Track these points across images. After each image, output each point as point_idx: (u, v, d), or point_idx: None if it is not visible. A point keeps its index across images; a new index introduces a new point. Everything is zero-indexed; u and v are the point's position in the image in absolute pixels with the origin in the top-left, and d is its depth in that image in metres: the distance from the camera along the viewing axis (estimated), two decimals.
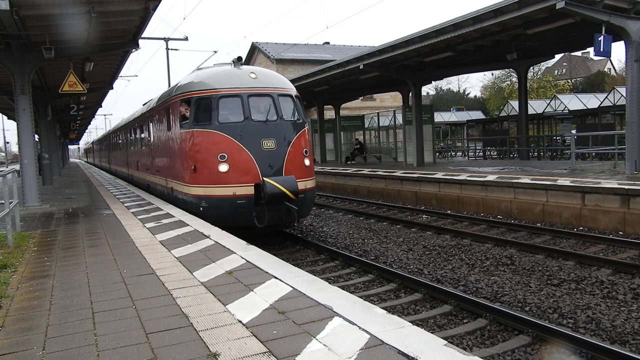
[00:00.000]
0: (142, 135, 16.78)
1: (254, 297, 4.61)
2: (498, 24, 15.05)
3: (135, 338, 3.78)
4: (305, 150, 10.65)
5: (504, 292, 7.28)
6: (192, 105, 10.47)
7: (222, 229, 8.20)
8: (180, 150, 11.03)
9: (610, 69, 69.05)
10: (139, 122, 17.23)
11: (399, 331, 3.62)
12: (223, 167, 9.73)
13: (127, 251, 6.94)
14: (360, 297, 4.66)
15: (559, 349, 5.32)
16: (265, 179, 9.56)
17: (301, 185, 9.97)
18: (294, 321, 3.93)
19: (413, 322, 4.64)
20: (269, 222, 9.81)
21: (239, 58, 11.12)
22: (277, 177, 9.72)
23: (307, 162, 10.61)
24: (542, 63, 45.88)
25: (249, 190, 9.71)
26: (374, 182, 19.56)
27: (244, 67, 11.14)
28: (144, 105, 18.31)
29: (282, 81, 11.23)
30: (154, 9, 10.99)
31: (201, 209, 10.09)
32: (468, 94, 73.77)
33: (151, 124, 14.81)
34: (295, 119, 10.73)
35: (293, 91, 11.16)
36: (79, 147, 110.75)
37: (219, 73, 10.93)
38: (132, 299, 4.74)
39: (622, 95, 23.23)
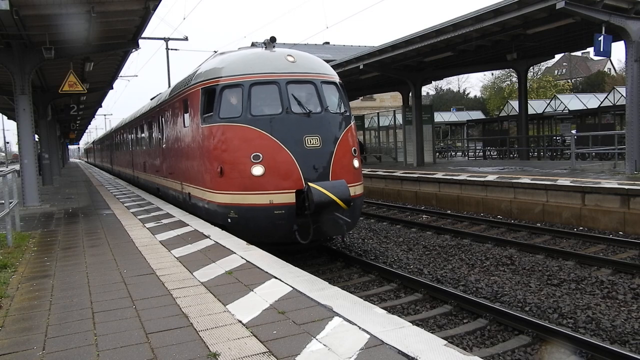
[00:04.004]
0: (151, 133, 15.19)
1: (254, 297, 4.61)
2: (498, 24, 15.06)
3: (135, 338, 3.78)
4: (354, 149, 9.05)
5: (504, 292, 7.28)
6: (217, 95, 8.79)
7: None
8: (201, 149, 9.34)
9: (610, 69, 69.04)
10: (148, 117, 15.65)
11: (399, 331, 3.62)
12: (257, 170, 8.15)
13: (127, 251, 6.94)
14: (360, 297, 4.66)
15: (559, 349, 5.32)
16: (310, 184, 7.97)
17: (350, 191, 8.35)
18: (294, 321, 3.93)
19: (413, 322, 4.64)
20: (313, 237, 8.22)
21: (272, 38, 9.33)
22: (324, 182, 8.13)
23: (356, 163, 9.01)
24: (542, 63, 45.93)
25: (290, 197, 8.12)
26: (374, 182, 19.56)
27: (279, 49, 9.38)
28: (152, 99, 17.03)
29: (324, 66, 9.60)
30: (154, 9, 10.99)
31: (229, 220, 8.52)
32: (468, 94, 73.78)
33: (163, 120, 13.09)
34: (342, 111, 9.16)
35: (337, 78, 9.59)
36: (79, 147, 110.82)
37: (249, 56, 9.31)
38: (132, 299, 4.74)
39: (622, 95, 23.24)
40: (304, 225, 8.13)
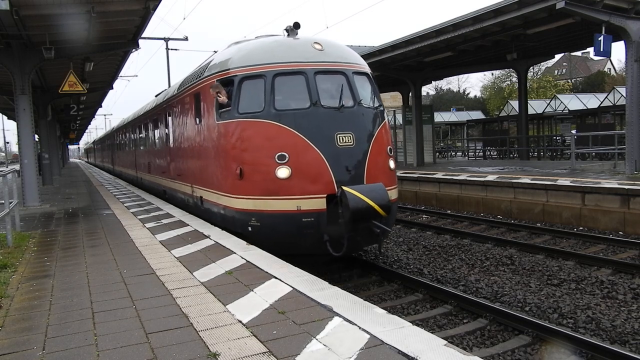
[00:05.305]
0: (157, 131, 14.38)
1: (254, 297, 4.61)
2: (498, 24, 15.08)
3: (135, 338, 3.78)
4: (389, 148, 8.23)
5: (504, 292, 7.28)
6: (235, 87, 7.87)
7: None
8: (217, 148, 8.45)
9: (610, 69, 69.00)
10: (153, 115, 14.83)
11: (399, 331, 3.62)
12: (283, 172, 7.24)
13: (127, 251, 6.94)
14: (361, 297, 4.66)
15: (559, 349, 5.32)
16: (344, 188, 7.02)
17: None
18: (294, 321, 3.93)
19: (413, 322, 4.64)
20: (347, 249, 7.34)
21: (296, 24, 8.43)
22: (359, 185, 7.20)
23: (392, 164, 8.17)
24: (542, 63, 45.91)
25: (320, 203, 7.20)
26: None
27: (303, 36, 8.52)
28: (156, 96, 16.31)
29: (354, 55, 8.74)
30: (154, 9, 10.98)
31: (249, 228, 7.68)
32: (468, 94, 73.74)
33: (170, 117, 12.21)
34: (376, 105, 8.31)
35: (368, 68, 8.79)
36: (79, 147, 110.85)
37: (271, 44, 8.36)
38: (132, 299, 4.74)
39: (622, 95, 23.24)
40: (336, 235, 7.20)
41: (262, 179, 7.45)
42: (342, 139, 7.42)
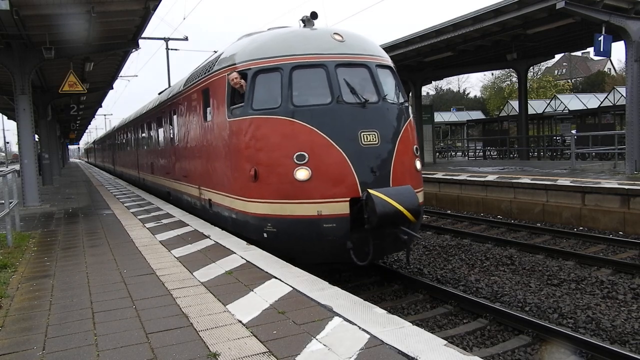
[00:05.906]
0: (161, 130, 13.84)
1: (254, 297, 4.61)
2: (498, 24, 15.10)
3: (135, 338, 3.78)
4: (416, 148, 7.64)
5: (504, 292, 7.28)
6: (249, 82, 7.30)
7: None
8: (228, 147, 7.84)
9: (610, 69, 69.00)
10: (157, 113, 14.25)
11: (399, 331, 3.62)
12: (302, 174, 6.66)
13: (127, 251, 6.94)
14: (360, 297, 4.66)
15: (559, 349, 5.32)
16: (370, 190, 6.45)
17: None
18: (294, 321, 3.93)
19: (413, 322, 4.63)
20: (373, 257, 6.91)
21: (313, 14, 7.92)
22: (386, 188, 6.63)
23: (418, 164, 7.58)
24: (542, 63, 45.92)
25: (343, 208, 6.63)
26: None
27: (321, 27, 7.99)
28: (160, 94, 15.84)
29: (376, 47, 8.17)
30: (154, 9, 10.99)
31: (265, 234, 7.11)
32: (468, 94, 73.74)
33: (175, 115, 11.61)
34: (401, 101, 7.74)
35: (391, 62, 8.19)
36: (79, 147, 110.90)
37: (287, 35, 7.78)
38: (132, 299, 4.74)
39: (622, 95, 23.26)
40: (361, 242, 6.67)
41: (279, 181, 6.88)
42: (367, 137, 6.84)
